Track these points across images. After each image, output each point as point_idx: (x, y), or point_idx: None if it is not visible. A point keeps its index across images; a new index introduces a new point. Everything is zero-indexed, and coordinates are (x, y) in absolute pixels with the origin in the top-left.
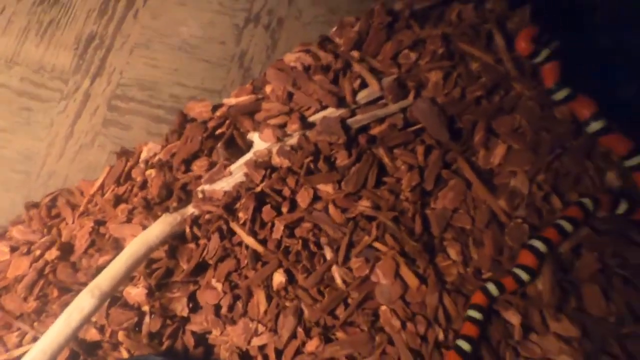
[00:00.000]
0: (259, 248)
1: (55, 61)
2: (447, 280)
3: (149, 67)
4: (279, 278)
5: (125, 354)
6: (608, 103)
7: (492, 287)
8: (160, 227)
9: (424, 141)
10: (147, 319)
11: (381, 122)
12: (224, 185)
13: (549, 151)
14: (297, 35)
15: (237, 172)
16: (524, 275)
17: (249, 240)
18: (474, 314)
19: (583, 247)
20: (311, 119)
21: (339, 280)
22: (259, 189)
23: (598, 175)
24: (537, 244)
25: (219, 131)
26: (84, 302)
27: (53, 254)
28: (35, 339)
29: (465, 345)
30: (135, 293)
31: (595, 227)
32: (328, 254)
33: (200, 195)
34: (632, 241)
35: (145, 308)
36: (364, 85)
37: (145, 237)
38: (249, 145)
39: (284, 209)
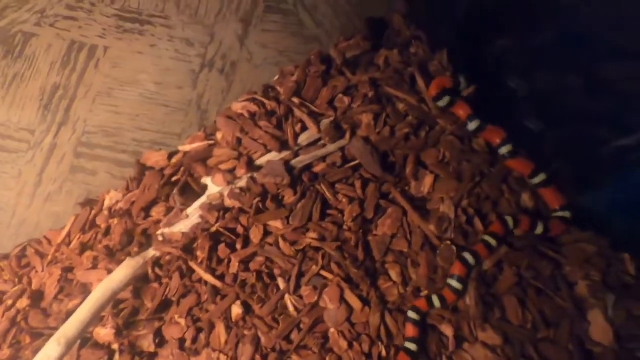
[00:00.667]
0: (217, 283)
1: (21, 113)
2: (388, 301)
3: (112, 114)
4: (236, 310)
5: None
6: (517, 134)
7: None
8: (123, 271)
9: (361, 176)
10: (117, 356)
11: (322, 160)
12: (182, 227)
13: (470, 179)
14: (250, 76)
15: (193, 214)
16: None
17: (208, 277)
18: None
19: (504, 262)
20: (258, 162)
21: (291, 308)
22: (214, 229)
23: (514, 197)
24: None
25: (174, 178)
26: (51, 351)
27: (24, 302)
28: None
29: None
30: (105, 333)
31: (513, 245)
32: (281, 284)
33: (160, 239)
34: (543, 255)
35: (115, 347)
36: (305, 128)
37: (109, 283)
38: (204, 189)
39: (238, 246)
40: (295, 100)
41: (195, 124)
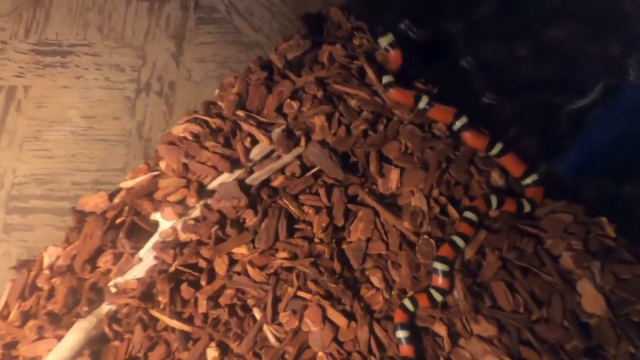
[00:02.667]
0: (186, 327)
1: None
2: (375, 309)
3: (43, 159)
4: (212, 353)
5: None
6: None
7: (407, 303)
8: (74, 336)
9: (324, 182)
10: None
11: (281, 173)
12: (136, 273)
13: (436, 166)
14: (192, 95)
15: (146, 257)
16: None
17: (174, 323)
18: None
19: (485, 247)
20: (210, 186)
21: (272, 339)
22: (172, 268)
23: (483, 177)
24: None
25: (119, 220)
26: None
27: None
28: None
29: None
30: None
31: (490, 227)
32: (257, 314)
33: (113, 290)
34: (523, 232)
35: None
36: (255, 142)
37: (60, 352)
38: (154, 226)
39: (203, 282)
40: (240, 113)
41: (139, 155)
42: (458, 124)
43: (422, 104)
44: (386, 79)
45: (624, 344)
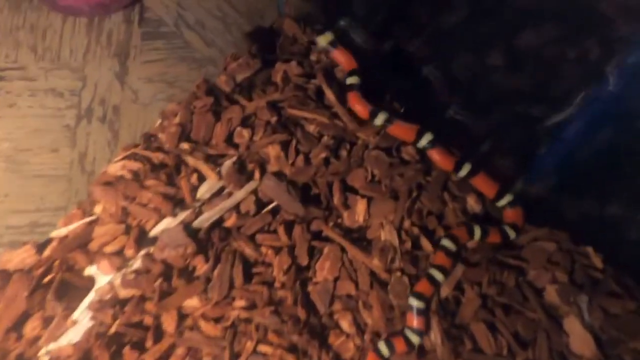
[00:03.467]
0: None
1: None
2: (345, 359)
3: None
4: None
5: None
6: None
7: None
8: None
9: (283, 219)
10: None
11: (235, 211)
12: (72, 337)
13: (407, 195)
14: (139, 119)
15: (82, 318)
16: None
17: None
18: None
19: (464, 283)
20: (153, 232)
21: None
22: (112, 330)
23: (459, 204)
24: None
25: (47, 278)
26: None
27: None
28: None
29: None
30: None
31: (468, 260)
32: None
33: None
34: (503, 264)
35: None
36: (203, 178)
37: None
38: (90, 283)
39: (149, 342)
40: (185, 145)
41: (82, 191)
42: (423, 142)
43: (380, 120)
44: (351, 79)
45: None
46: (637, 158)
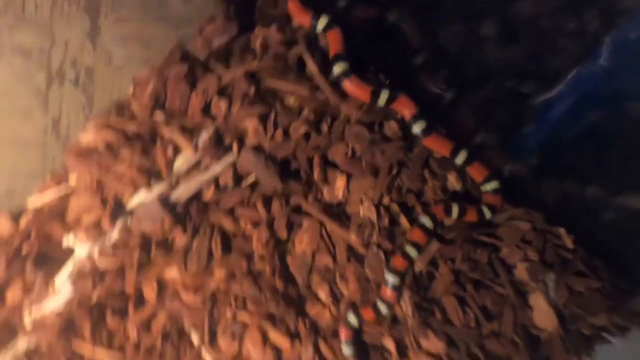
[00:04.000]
0: (118, 358)
1: None
2: (321, 327)
3: None
4: None
5: None
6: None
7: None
8: None
9: (262, 193)
10: None
11: (213, 185)
12: (55, 306)
13: (387, 171)
14: (114, 83)
15: (63, 287)
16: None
17: (101, 356)
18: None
19: (438, 259)
20: (130, 204)
21: None
22: (94, 298)
23: (439, 182)
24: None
25: (26, 249)
26: None
27: None
28: None
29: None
30: None
31: (443, 238)
32: (195, 339)
33: (29, 327)
34: (477, 242)
35: None
36: (179, 150)
37: None
38: (68, 252)
39: (131, 309)
40: (159, 116)
41: (58, 157)
42: (417, 127)
43: (383, 100)
44: (339, 67)
45: (572, 358)
46: (620, 142)
